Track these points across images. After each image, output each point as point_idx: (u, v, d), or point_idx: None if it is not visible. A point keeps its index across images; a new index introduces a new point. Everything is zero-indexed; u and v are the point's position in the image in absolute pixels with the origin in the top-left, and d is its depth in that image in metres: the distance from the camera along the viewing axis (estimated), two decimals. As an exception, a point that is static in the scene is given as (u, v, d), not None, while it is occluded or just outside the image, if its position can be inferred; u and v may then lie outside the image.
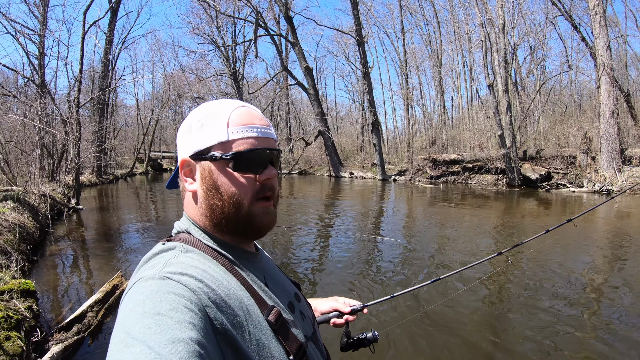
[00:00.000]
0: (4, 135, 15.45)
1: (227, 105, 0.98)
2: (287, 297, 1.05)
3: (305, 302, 1.17)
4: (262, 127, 0.97)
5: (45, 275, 7.27)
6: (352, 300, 1.58)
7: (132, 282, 0.82)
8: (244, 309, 0.84)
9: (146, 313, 0.69)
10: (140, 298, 0.74)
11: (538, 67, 28.90)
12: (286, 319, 0.94)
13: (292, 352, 0.88)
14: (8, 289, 4.57)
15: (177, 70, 47.98)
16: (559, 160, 19.67)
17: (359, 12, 30.20)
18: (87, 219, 13.90)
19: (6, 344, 3.57)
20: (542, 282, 6.12)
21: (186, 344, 0.65)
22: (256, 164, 0.95)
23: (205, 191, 0.96)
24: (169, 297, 0.73)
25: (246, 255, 1.02)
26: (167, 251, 0.92)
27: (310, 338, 1.03)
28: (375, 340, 1.54)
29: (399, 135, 44.49)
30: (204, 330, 0.71)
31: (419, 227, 11.32)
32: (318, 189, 24.41)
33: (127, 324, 0.68)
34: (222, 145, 0.93)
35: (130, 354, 0.62)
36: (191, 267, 0.84)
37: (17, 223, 8.46)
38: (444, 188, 21.28)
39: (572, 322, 4.80)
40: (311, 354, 0.97)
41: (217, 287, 0.82)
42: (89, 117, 31.67)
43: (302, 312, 1.08)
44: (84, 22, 16.13)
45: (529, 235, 8.83)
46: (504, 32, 20.82)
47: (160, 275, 0.79)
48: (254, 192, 0.95)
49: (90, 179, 28.62)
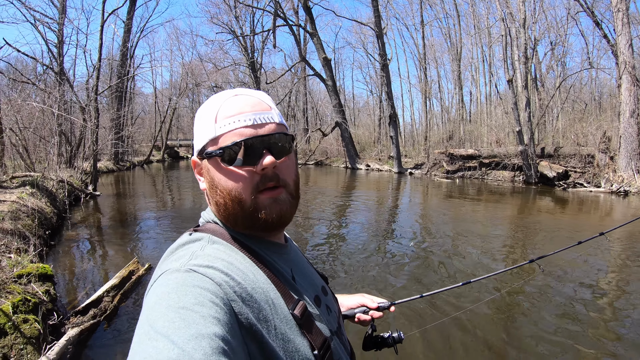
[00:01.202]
0: (22, 122, 15.65)
1: (218, 99, 0.95)
2: (314, 291, 1.03)
3: (332, 296, 1.16)
4: (254, 113, 0.92)
5: (63, 260, 7.39)
6: (380, 298, 1.54)
7: (158, 274, 0.81)
8: (269, 303, 0.83)
9: (170, 307, 0.69)
10: (165, 291, 0.73)
11: (558, 63, 28.47)
12: (312, 313, 0.93)
13: (317, 347, 0.87)
14: (26, 272, 4.65)
15: (195, 59, 48.42)
16: (577, 159, 19.35)
17: (379, 3, 29.92)
18: (104, 205, 14.10)
19: (23, 327, 3.63)
20: (573, 294, 5.76)
21: (210, 339, 0.64)
22: (249, 155, 0.90)
23: (209, 189, 0.96)
24: (194, 291, 0.72)
25: (273, 247, 1.00)
26: (194, 242, 0.91)
27: (335, 332, 1.01)
28: (399, 341, 1.48)
29: (416, 128, 44.20)
30: (229, 325, 0.71)
31: (439, 223, 11.08)
32: (334, 181, 24.41)
33: (152, 317, 0.68)
34: (212, 142, 0.92)
35: (153, 348, 0.62)
36: (218, 259, 0.83)
37: (35, 208, 8.59)
38: (460, 183, 21.12)
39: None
40: (335, 349, 0.96)
41: (243, 280, 0.81)
42: (107, 104, 32.02)
43: (328, 306, 1.06)
44: (103, 10, 16.35)
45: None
46: (524, 27, 20.50)
47: (186, 268, 0.78)
48: (253, 184, 0.91)
49: (107, 165, 29.01)
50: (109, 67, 35.24)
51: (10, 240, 5.95)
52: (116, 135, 27.60)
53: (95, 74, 17.01)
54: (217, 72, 43.06)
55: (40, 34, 21.45)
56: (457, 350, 4.24)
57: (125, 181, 23.89)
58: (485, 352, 4.21)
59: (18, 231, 6.66)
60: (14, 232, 6.49)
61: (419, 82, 38.49)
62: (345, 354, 1.03)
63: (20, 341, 3.49)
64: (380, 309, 1.49)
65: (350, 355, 1.09)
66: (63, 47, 20.66)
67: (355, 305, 1.49)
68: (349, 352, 1.08)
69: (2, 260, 4.93)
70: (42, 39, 22.05)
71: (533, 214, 12.27)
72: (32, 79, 20.76)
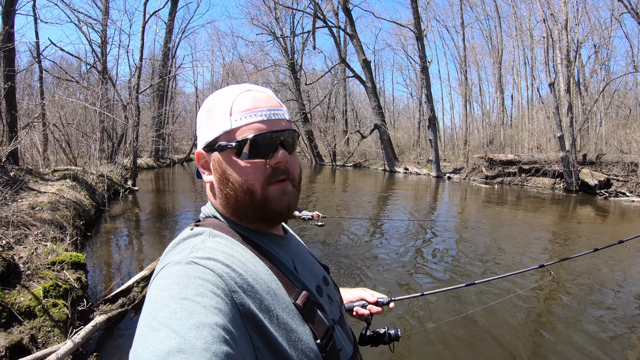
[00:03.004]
0: (66, 118, 16.23)
1: (230, 92, 0.97)
2: (315, 281, 1.04)
3: (333, 286, 1.16)
4: (268, 109, 0.95)
5: (98, 251, 7.64)
6: (380, 293, 1.53)
7: (160, 267, 0.83)
8: (271, 293, 0.84)
9: (172, 298, 0.71)
10: (167, 283, 0.75)
11: (602, 66, 27.51)
12: (314, 303, 0.94)
13: (320, 336, 0.89)
14: (60, 260, 4.83)
15: (236, 59, 49.15)
16: (620, 167, 18.53)
17: (418, 5, 29.49)
18: (142, 199, 14.52)
19: (52, 310, 3.77)
20: (585, 301, 5.60)
21: (211, 328, 0.66)
22: (264, 149, 0.92)
23: (218, 182, 0.97)
24: (196, 282, 0.74)
25: (274, 239, 1.02)
26: (195, 236, 0.93)
27: (337, 322, 1.02)
28: (396, 339, 1.47)
29: (455, 132, 43.32)
30: (230, 315, 0.72)
31: (469, 228, 10.90)
32: (372, 183, 24.27)
33: (154, 309, 0.70)
34: (227, 135, 0.93)
35: (155, 337, 0.63)
36: (218, 251, 0.85)
37: (74, 200, 8.90)
38: (499, 189, 20.61)
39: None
40: (338, 338, 0.97)
41: (244, 272, 0.83)
42: (148, 103, 32.95)
43: (329, 296, 1.07)
44: (144, 12, 16.86)
45: (579, 249, 8.49)
46: (567, 29, 19.84)
47: (187, 260, 0.80)
48: (265, 177, 0.93)
49: (147, 162, 29.81)
50: (150, 66, 36.19)
51: (47, 229, 6.19)
52: (156, 132, 28.30)
53: (137, 73, 17.52)
54: (257, 73, 43.46)
55: (84, 34, 22.25)
56: (456, 355, 4.17)
57: (164, 178, 24.49)
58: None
59: (56, 221, 6.92)
60: (52, 221, 6.76)
61: (460, 85, 37.69)
62: (349, 342, 1.04)
63: (48, 324, 3.62)
64: (379, 303, 1.49)
65: (353, 344, 1.08)
66: (106, 47, 21.28)
67: (354, 298, 1.49)
68: (352, 341, 1.08)
69: (38, 247, 5.13)
70: (86, 39, 22.96)
71: (572, 223, 11.85)
72: (76, 77, 21.52)
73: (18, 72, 13.57)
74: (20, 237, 5.43)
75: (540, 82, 31.16)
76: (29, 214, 6.52)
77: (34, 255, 4.79)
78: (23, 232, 5.64)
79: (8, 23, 10.63)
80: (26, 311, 3.60)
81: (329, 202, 14.70)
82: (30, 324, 3.52)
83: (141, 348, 0.63)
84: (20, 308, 3.58)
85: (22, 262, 4.43)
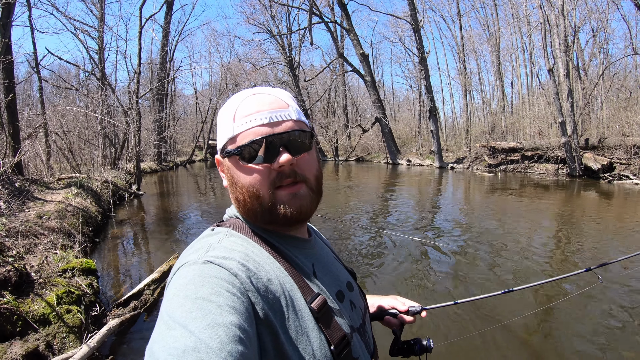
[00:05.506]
0: (67, 126, 16.30)
1: (236, 98, 0.98)
2: (336, 286, 1.04)
3: (358, 292, 1.14)
4: (271, 111, 0.93)
5: (107, 256, 7.71)
6: (412, 301, 1.47)
7: (177, 267, 0.84)
8: (285, 295, 0.84)
9: (188, 297, 0.72)
10: (183, 282, 0.76)
11: (601, 50, 27.35)
12: (331, 308, 0.93)
13: (334, 342, 0.87)
14: (70, 267, 4.89)
15: (234, 59, 49.00)
16: (622, 150, 18.45)
17: (413, -5, 29.53)
18: (147, 203, 14.59)
19: (66, 317, 3.83)
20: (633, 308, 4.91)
21: (226, 328, 0.67)
22: (266, 153, 0.92)
23: (230, 186, 1.00)
24: (211, 281, 0.75)
25: (295, 241, 1.02)
26: (212, 236, 0.95)
27: (357, 329, 1.01)
28: (428, 350, 1.39)
29: (456, 122, 43.08)
30: (245, 314, 0.73)
31: (481, 221, 10.38)
32: (375, 176, 24.27)
33: (170, 308, 0.71)
34: (231, 141, 0.95)
35: (171, 337, 0.65)
36: (234, 250, 0.86)
37: (81, 207, 8.97)
38: (503, 177, 20.55)
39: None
40: (355, 346, 0.95)
41: (259, 272, 0.83)
42: (148, 107, 33.04)
43: (352, 302, 1.06)
44: (140, 17, 16.86)
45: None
46: (563, 14, 19.74)
47: (203, 260, 0.81)
48: (270, 181, 0.92)
49: (150, 166, 29.87)
50: (149, 70, 36.27)
51: (56, 237, 6.26)
52: (158, 136, 28.31)
53: (135, 78, 17.52)
54: (255, 72, 43.39)
55: (81, 42, 22.31)
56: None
57: (168, 181, 24.51)
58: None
59: (64, 229, 6.99)
60: (60, 229, 6.83)
61: (459, 75, 37.47)
62: (366, 352, 1.02)
63: (63, 330, 3.68)
64: (410, 312, 1.43)
65: (372, 354, 1.07)
66: (104, 53, 21.31)
67: (386, 306, 1.44)
68: (371, 351, 1.06)
69: (48, 255, 5.18)
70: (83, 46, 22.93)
71: (578, 209, 11.79)
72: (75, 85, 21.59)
73: (17, 83, 13.60)
74: (30, 247, 5.49)
75: (540, 68, 31.09)
76: (37, 224, 6.59)
77: (45, 264, 4.85)
78: (32, 242, 5.70)
79: (5, 35, 10.66)
80: (41, 319, 3.66)
81: (335, 201, 14.59)
82: (45, 331, 3.58)
83: (157, 346, 0.65)
84: (35, 316, 3.63)
85: (33, 271, 4.48)
